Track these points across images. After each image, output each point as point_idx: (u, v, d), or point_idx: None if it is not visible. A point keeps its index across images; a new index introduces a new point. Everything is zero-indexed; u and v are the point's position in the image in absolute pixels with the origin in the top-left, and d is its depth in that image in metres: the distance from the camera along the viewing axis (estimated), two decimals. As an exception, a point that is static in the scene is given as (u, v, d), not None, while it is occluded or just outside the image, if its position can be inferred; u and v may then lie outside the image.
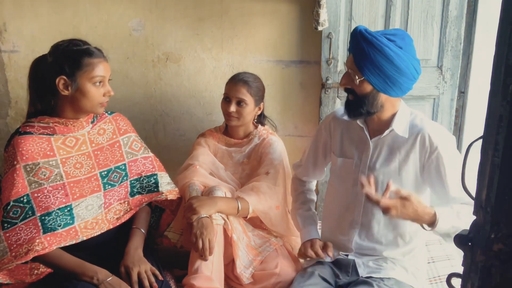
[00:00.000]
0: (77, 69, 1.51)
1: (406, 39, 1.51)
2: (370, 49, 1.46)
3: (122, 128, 1.75)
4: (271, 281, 1.71)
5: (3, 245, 1.45)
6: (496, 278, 0.73)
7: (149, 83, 2.48)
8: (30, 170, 1.50)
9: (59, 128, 1.57)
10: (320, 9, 2.03)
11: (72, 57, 1.52)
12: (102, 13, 2.38)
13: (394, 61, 1.45)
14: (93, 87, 1.54)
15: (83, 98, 1.54)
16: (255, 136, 2.01)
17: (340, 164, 1.72)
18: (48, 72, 1.53)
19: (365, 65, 1.48)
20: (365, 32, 1.48)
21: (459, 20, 2.17)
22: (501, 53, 0.67)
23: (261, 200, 1.81)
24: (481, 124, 0.74)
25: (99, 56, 1.57)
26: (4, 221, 1.46)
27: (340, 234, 1.71)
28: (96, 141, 1.66)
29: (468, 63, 2.27)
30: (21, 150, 1.50)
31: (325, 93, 2.28)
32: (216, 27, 2.36)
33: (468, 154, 0.89)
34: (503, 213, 0.70)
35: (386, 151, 1.60)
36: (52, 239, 1.49)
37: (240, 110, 1.91)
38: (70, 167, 1.57)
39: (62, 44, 1.56)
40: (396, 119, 1.57)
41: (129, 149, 1.75)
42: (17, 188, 1.48)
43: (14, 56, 2.45)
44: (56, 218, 1.52)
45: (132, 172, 1.74)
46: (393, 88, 1.50)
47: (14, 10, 2.39)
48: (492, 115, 0.70)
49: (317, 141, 1.82)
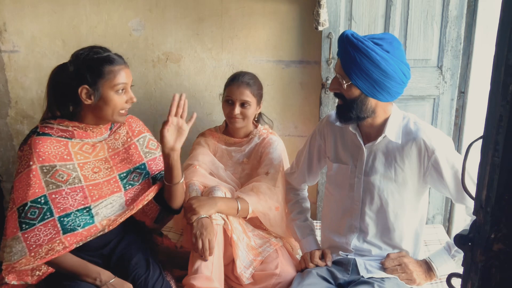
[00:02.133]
0: (99, 78, 1.50)
1: (394, 43, 1.49)
2: (356, 53, 1.45)
3: (135, 129, 1.75)
4: (271, 281, 1.71)
5: (22, 246, 1.43)
6: (496, 278, 0.73)
7: (149, 83, 2.48)
8: (47, 172, 1.49)
9: (78, 133, 1.57)
10: (321, 9, 2.03)
11: (94, 66, 1.50)
12: (102, 13, 2.38)
13: (380, 65, 1.44)
14: (115, 95, 1.54)
15: (106, 106, 1.53)
16: (255, 135, 2.01)
17: (335, 170, 1.72)
18: (70, 81, 1.52)
19: (351, 69, 1.48)
20: (351, 37, 1.47)
21: (459, 20, 2.17)
22: (501, 53, 0.67)
23: (261, 201, 1.81)
24: (481, 124, 0.74)
25: (120, 63, 1.56)
26: (22, 222, 1.44)
27: (339, 237, 1.71)
28: (113, 147, 1.66)
29: (468, 63, 2.26)
30: (38, 151, 1.49)
31: (325, 93, 2.28)
32: (216, 27, 2.36)
33: (468, 154, 0.89)
34: (503, 213, 0.70)
35: (381, 157, 1.60)
36: (72, 238, 1.48)
37: (244, 112, 1.91)
38: (88, 171, 1.57)
39: (82, 52, 1.54)
40: (388, 124, 1.56)
41: (147, 148, 1.75)
42: (34, 189, 1.46)
43: (14, 56, 2.45)
44: (75, 219, 1.50)
45: (152, 169, 1.73)
46: (382, 93, 1.49)
47: (14, 10, 2.39)
48: (492, 115, 0.70)
49: (311, 146, 1.82)
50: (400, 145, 1.56)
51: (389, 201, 1.60)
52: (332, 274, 1.63)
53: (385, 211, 1.61)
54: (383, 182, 1.59)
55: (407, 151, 1.55)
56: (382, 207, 1.61)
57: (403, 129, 1.57)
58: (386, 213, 1.61)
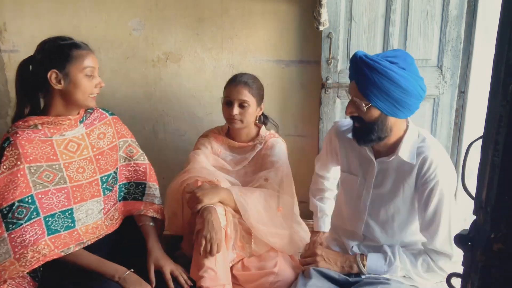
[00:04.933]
0: (67, 62, 1.51)
1: (408, 59, 1.46)
2: (373, 75, 1.41)
3: (120, 132, 1.76)
4: (269, 279, 1.71)
5: (7, 248, 1.41)
6: (496, 278, 0.73)
7: (149, 83, 2.48)
8: (34, 172, 1.49)
9: (49, 129, 1.55)
10: (322, 9, 2.03)
11: (61, 50, 1.52)
12: (102, 13, 2.38)
13: (400, 83, 1.41)
14: (84, 78, 1.54)
15: (76, 90, 1.54)
16: (259, 142, 1.97)
17: (345, 179, 1.72)
18: (38, 68, 1.53)
19: (371, 91, 1.43)
20: (366, 58, 1.43)
21: (459, 20, 2.17)
22: (501, 53, 0.67)
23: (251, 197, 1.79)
24: (481, 124, 0.74)
25: (87, 49, 1.58)
26: (9, 222, 1.42)
27: (345, 239, 1.72)
28: (97, 146, 1.66)
29: (468, 63, 2.26)
30: (26, 152, 1.48)
31: (325, 93, 2.28)
32: (216, 27, 2.36)
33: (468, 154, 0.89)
34: (503, 213, 0.70)
35: (391, 174, 1.57)
36: (56, 241, 1.48)
37: (243, 112, 1.88)
38: (73, 172, 1.58)
39: (48, 40, 1.57)
40: (403, 143, 1.52)
41: (123, 153, 1.76)
42: (21, 188, 1.46)
43: (14, 56, 2.45)
44: (58, 220, 1.52)
45: (122, 176, 1.75)
46: (402, 110, 1.46)
47: (14, 10, 2.39)
48: (492, 115, 0.70)
49: (326, 147, 1.82)
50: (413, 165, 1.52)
51: (395, 216, 1.59)
52: (336, 274, 1.64)
53: (391, 225, 1.60)
54: (391, 198, 1.57)
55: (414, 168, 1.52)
56: (388, 221, 1.60)
57: (417, 150, 1.53)
58: (391, 227, 1.60)
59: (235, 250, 1.76)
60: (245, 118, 1.89)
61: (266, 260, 1.77)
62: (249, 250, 1.80)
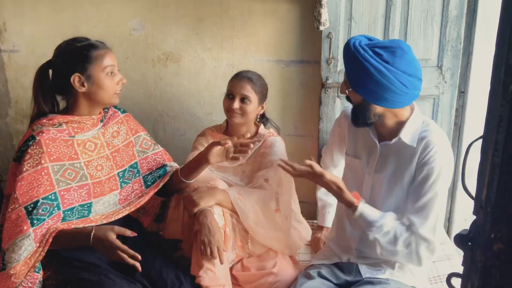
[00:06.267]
0: (88, 63, 1.54)
1: (398, 52, 1.43)
2: (351, 62, 1.46)
3: (133, 128, 1.81)
4: (268, 280, 1.71)
5: (30, 242, 1.47)
6: (496, 278, 0.73)
7: (149, 83, 2.48)
8: (57, 170, 1.54)
9: (73, 129, 1.60)
10: (322, 8, 2.03)
11: (80, 52, 1.55)
12: (102, 13, 2.38)
13: (373, 77, 1.42)
14: (107, 77, 1.58)
15: (100, 90, 1.58)
16: (258, 140, 1.97)
17: (349, 163, 1.74)
18: (59, 73, 1.56)
19: (351, 77, 1.49)
20: (351, 45, 1.46)
21: (459, 20, 2.17)
22: (501, 53, 0.67)
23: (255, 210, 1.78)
24: (481, 124, 0.74)
25: (104, 47, 1.61)
26: (34, 219, 1.48)
27: (345, 235, 1.72)
28: (112, 144, 1.71)
29: (468, 63, 2.26)
30: (49, 151, 1.52)
31: (325, 93, 2.28)
32: (216, 27, 2.36)
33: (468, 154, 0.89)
34: (503, 213, 0.70)
35: (393, 157, 1.58)
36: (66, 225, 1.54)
37: (243, 107, 1.87)
38: (92, 169, 1.62)
39: (65, 44, 1.59)
40: (405, 128, 1.54)
41: (140, 147, 1.81)
42: (45, 186, 1.50)
43: (14, 56, 2.45)
44: (76, 212, 1.57)
45: (143, 168, 1.79)
46: (380, 101, 1.47)
47: (14, 10, 2.39)
48: (492, 115, 0.70)
49: (334, 130, 1.86)
50: (414, 148, 1.53)
51: (396, 201, 1.59)
52: (335, 275, 1.64)
53: (391, 209, 1.61)
54: (392, 181, 1.58)
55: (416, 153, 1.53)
56: (389, 205, 1.61)
57: (420, 134, 1.54)
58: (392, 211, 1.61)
59: (235, 250, 1.76)
60: (245, 113, 1.88)
61: (265, 260, 1.77)
62: (247, 250, 1.80)
